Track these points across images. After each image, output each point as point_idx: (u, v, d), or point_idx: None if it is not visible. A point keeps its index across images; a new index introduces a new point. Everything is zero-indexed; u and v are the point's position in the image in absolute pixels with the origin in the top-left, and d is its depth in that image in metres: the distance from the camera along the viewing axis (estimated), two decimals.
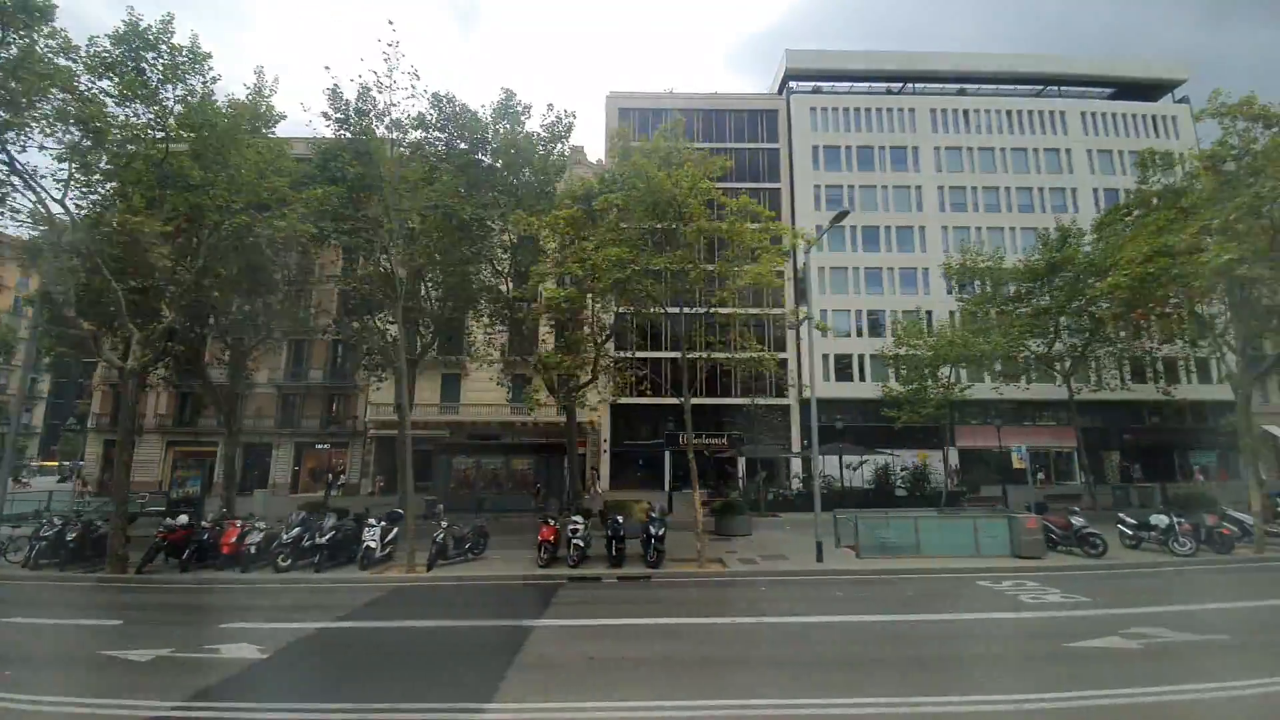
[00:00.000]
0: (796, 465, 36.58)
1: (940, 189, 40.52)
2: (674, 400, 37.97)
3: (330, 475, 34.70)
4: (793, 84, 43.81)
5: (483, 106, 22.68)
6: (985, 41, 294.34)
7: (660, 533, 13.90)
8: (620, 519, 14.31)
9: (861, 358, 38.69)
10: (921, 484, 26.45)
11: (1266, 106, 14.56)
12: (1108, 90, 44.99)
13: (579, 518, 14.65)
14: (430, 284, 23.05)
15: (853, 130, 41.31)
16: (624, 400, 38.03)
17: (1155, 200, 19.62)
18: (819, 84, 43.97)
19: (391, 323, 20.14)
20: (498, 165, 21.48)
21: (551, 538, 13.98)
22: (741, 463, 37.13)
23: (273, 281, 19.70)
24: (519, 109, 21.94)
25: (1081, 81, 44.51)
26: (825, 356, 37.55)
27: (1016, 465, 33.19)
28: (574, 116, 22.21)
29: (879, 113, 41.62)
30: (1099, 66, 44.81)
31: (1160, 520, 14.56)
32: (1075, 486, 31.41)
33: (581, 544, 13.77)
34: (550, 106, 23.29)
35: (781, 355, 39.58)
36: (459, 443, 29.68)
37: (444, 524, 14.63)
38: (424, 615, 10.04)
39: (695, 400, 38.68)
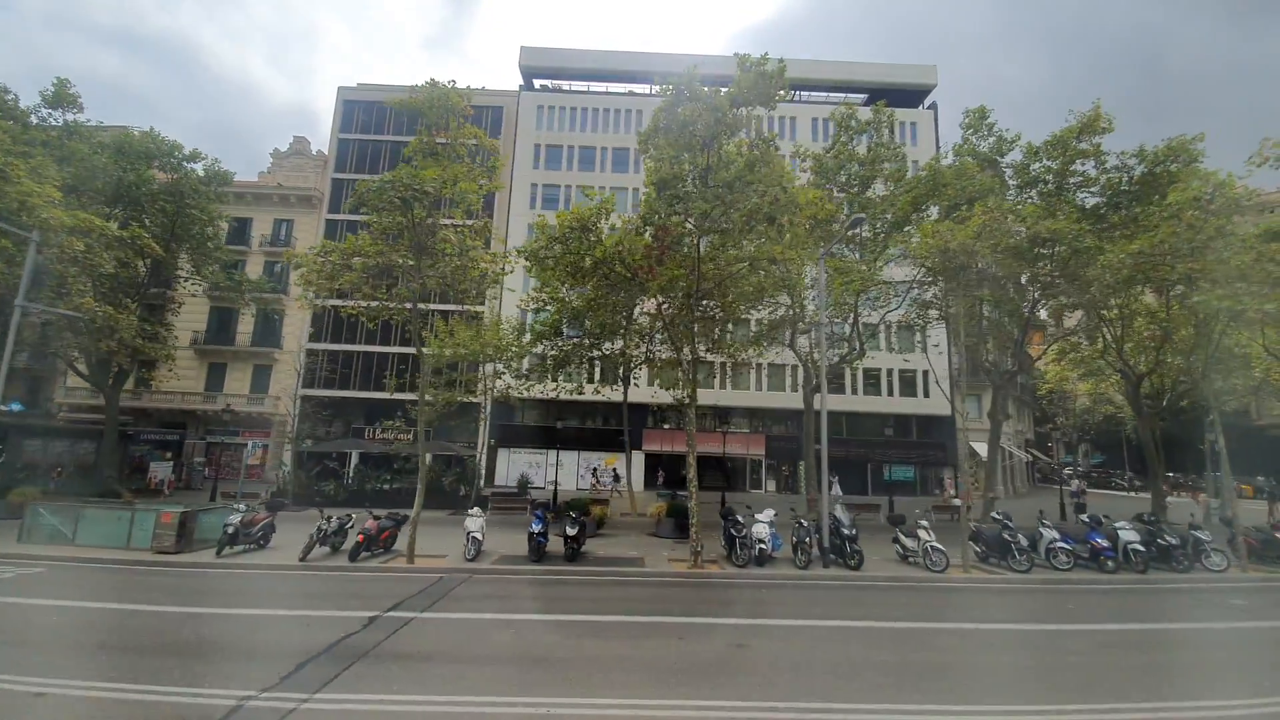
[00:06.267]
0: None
1: None
2: (365, 394, 38.10)
3: None
4: (537, 82, 43.63)
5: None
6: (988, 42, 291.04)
7: None
8: None
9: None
10: (470, 484, 26.24)
11: None
12: (861, 96, 44.25)
13: None
14: None
15: (578, 130, 40.96)
16: (314, 392, 38.04)
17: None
18: (559, 82, 43.71)
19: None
20: None
21: None
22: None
23: None
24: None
25: (831, 87, 43.84)
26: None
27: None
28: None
29: (606, 113, 41.24)
30: (852, 72, 44.10)
31: (328, 525, 14.37)
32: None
33: None
34: None
35: None
36: (29, 424, 29.86)
37: None
38: None
39: (387, 396, 38.20)
